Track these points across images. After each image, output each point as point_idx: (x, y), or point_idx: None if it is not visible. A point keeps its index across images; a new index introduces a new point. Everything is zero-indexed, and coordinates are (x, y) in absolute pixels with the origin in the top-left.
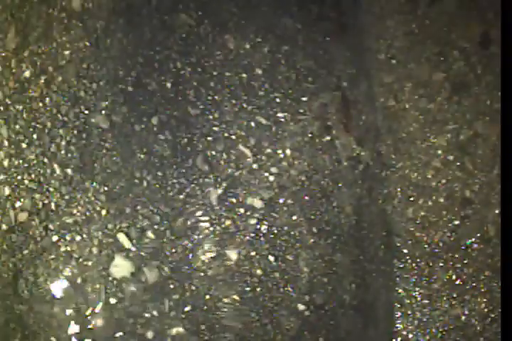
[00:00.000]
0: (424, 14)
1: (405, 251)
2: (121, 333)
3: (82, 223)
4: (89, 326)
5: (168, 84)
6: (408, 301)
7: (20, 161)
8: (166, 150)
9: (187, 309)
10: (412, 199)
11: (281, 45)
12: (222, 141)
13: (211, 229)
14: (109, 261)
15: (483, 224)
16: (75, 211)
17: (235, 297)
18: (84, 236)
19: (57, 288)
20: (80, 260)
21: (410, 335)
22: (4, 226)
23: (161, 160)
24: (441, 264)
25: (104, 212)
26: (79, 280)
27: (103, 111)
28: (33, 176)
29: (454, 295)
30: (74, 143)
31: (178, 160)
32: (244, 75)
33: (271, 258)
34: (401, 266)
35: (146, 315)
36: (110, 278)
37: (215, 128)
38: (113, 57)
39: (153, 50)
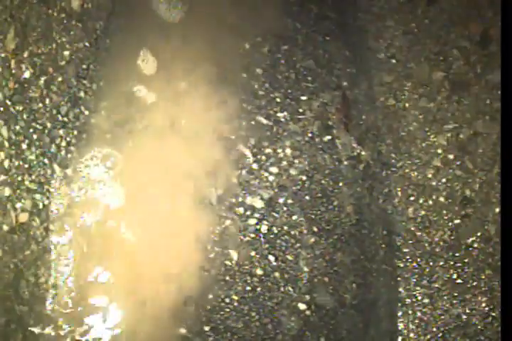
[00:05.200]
0: (423, 13)
1: (406, 250)
2: None
3: None
4: None
5: None
6: (409, 300)
7: (21, 162)
8: None
9: None
10: (412, 198)
11: (281, 45)
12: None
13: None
14: None
15: (483, 223)
16: None
17: (235, 297)
18: None
19: None
20: None
21: (411, 334)
22: (5, 227)
23: None
24: (441, 263)
25: None
26: None
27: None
28: (33, 177)
29: (455, 294)
30: (74, 143)
31: None
32: (244, 75)
33: (271, 258)
34: (402, 265)
35: None
36: None
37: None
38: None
39: None
